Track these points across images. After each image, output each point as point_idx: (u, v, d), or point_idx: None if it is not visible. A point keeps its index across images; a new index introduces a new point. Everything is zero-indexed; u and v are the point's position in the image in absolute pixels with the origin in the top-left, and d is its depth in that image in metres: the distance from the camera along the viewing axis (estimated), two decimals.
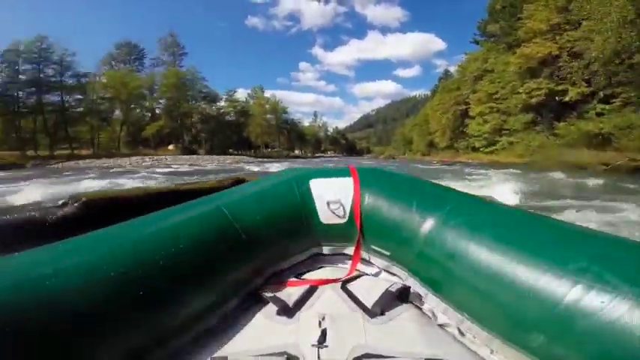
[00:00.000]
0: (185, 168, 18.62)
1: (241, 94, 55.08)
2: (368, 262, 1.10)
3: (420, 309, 0.89)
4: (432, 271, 0.89)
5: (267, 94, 57.46)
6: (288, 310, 0.84)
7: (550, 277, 0.63)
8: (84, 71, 34.87)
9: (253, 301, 0.93)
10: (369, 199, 1.09)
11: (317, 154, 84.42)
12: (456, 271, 0.81)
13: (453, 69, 44.09)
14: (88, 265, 0.64)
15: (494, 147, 30.44)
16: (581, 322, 0.56)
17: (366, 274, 1.07)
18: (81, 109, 34.84)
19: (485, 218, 0.87)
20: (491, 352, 0.71)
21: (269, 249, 1.02)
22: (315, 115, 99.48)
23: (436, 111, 44.55)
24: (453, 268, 0.81)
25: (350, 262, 1.09)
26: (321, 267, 1.15)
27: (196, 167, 19.86)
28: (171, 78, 39.60)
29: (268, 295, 0.90)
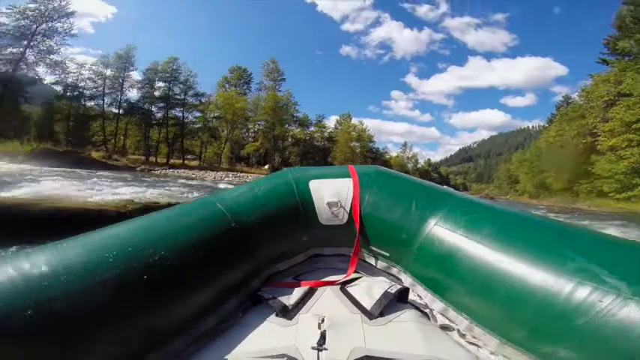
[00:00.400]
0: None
1: (333, 121, 57.30)
2: (367, 264, 1.09)
3: (420, 310, 0.89)
4: (431, 272, 0.90)
5: (355, 121, 58.26)
6: (287, 312, 0.84)
7: (549, 278, 0.64)
8: (202, 91, 40.53)
9: (252, 303, 0.93)
10: (368, 200, 1.08)
11: None
12: (455, 272, 0.82)
13: (575, 95, 36.44)
14: (85, 266, 0.64)
15: (631, 192, 23.49)
16: (581, 322, 0.56)
17: (366, 276, 1.06)
18: (197, 125, 41.44)
19: (483, 219, 0.87)
20: (491, 352, 0.72)
21: (268, 250, 1.02)
22: (405, 144, 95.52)
23: (552, 144, 37.40)
24: (452, 269, 0.83)
25: (349, 263, 1.08)
26: (321, 268, 1.14)
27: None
28: (269, 101, 43.78)
29: (267, 296, 0.89)
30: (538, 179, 42.75)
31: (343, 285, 0.97)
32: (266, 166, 42.80)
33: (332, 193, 1.12)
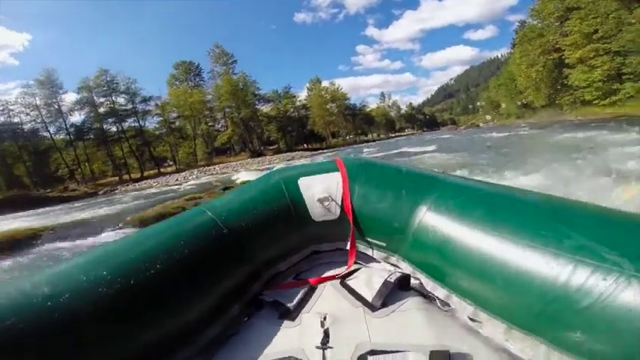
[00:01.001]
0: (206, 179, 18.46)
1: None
2: (365, 255, 1.08)
3: (422, 295, 0.88)
4: (429, 257, 0.88)
5: (326, 83, 55.68)
6: (289, 313, 0.84)
7: (547, 258, 0.62)
8: (149, 95, 38.56)
9: (255, 307, 0.92)
10: (358, 192, 1.07)
11: (392, 135, 79.46)
12: (453, 255, 0.80)
13: (529, 19, 35.01)
14: (86, 284, 0.65)
15: (615, 97, 22.51)
16: (584, 304, 0.54)
17: (365, 267, 1.05)
18: (159, 130, 39.32)
19: (475, 199, 0.85)
20: (498, 337, 0.70)
21: (264, 253, 1.02)
22: (383, 95, 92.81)
23: (520, 65, 35.78)
24: (449, 253, 0.81)
25: (348, 257, 1.07)
26: (320, 264, 1.13)
27: (218, 177, 19.70)
28: (225, 86, 41.21)
29: (269, 299, 0.90)
30: (518, 100, 41.63)
31: (343, 279, 0.96)
32: (243, 153, 41.18)
33: (322, 188, 1.10)
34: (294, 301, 0.87)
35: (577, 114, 25.75)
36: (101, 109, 35.75)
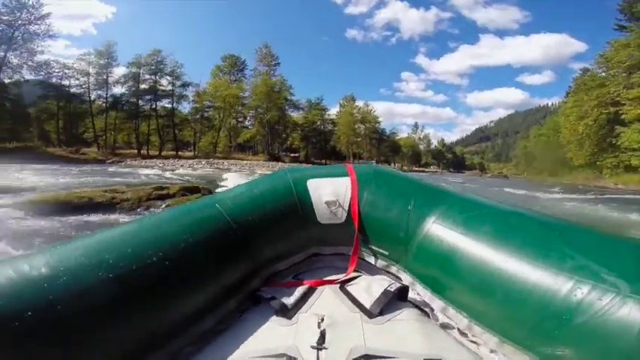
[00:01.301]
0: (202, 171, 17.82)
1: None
2: (366, 262, 1.09)
3: (419, 308, 0.89)
4: (430, 270, 0.90)
5: (360, 103, 55.49)
6: (286, 312, 0.84)
7: (548, 276, 0.64)
8: (190, 81, 40.05)
9: (252, 303, 0.93)
10: (367, 199, 1.08)
11: (415, 169, 77.80)
12: (455, 270, 0.81)
13: (593, 65, 32.62)
14: (85, 268, 0.65)
15: None
16: (580, 321, 0.56)
17: (365, 274, 1.06)
18: (192, 116, 40.44)
19: (482, 217, 0.87)
20: (491, 351, 0.72)
21: (267, 250, 1.02)
22: (416, 125, 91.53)
23: (569, 116, 33.76)
24: (451, 267, 0.82)
25: (348, 262, 1.07)
26: (320, 267, 1.14)
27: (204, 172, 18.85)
28: (261, 86, 41.93)
29: (266, 296, 0.90)
30: (556, 155, 39.16)
31: (343, 284, 0.97)
32: (262, 154, 41.25)
33: (330, 192, 1.10)
34: (292, 300, 0.87)
35: (617, 180, 23.59)
36: (143, 86, 37.29)
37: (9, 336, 0.51)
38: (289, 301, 0.87)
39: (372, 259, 1.07)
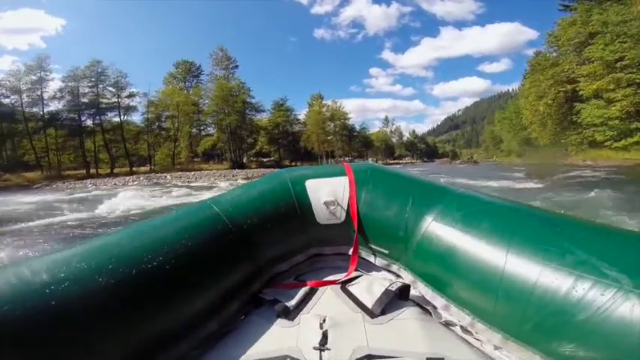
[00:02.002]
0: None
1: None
2: (367, 262, 1.09)
3: (421, 307, 0.89)
4: (431, 268, 0.89)
5: (328, 101, 54.17)
6: (288, 313, 0.84)
7: (549, 272, 0.64)
8: (137, 91, 36.95)
9: (253, 305, 0.93)
10: (365, 198, 1.08)
11: (389, 162, 77.60)
12: (455, 267, 0.81)
13: (544, 48, 33.29)
14: (86, 273, 0.65)
15: (631, 139, 20.06)
16: (582, 317, 0.56)
17: (366, 274, 1.06)
18: (147, 128, 37.47)
19: (481, 213, 0.87)
20: (495, 348, 0.71)
21: (267, 251, 1.02)
22: (386, 119, 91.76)
23: (528, 97, 33.92)
24: (451, 264, 0.82)
25: (349, 262, 1.08)
26: (321, 268, 1.14)
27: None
28: (216, 91, 39.75)
29: (268, 298, 0.91)
30: (522, 136, 39.54)
31: (344, 284, 0.97)
32: (226, 162, 38.75)
33: (328, 192, 1.10)
34: (294, 302, 0.87)
35: (585, 157, 23.42)
36: (85, 100, 34.22)
37: (11, 342, 0.51)
38: (291, 302, 0.87)
39: (372, 258, 1.06)
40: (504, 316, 0.69)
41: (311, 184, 1.12)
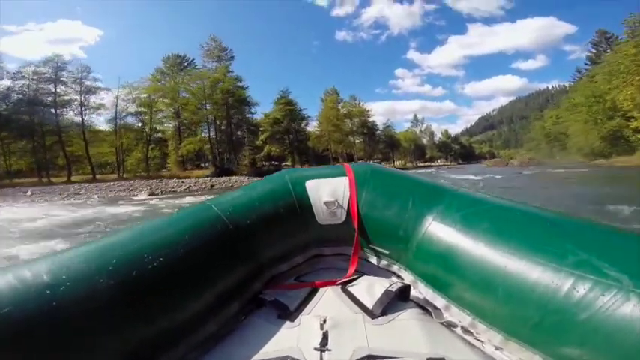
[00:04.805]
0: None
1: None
2: (368, 262, 1.08)
3: (422, 307, 0.88)
4: (431, 268, 0.89)
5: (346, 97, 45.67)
6: (289, 314, 0.84)
7: (549, 272, 0.64)
8: (103, 87, 32.00)
9: (254, 306, 0.92)
10: (365, 199, 1.08)
11: (420, 164, 67.65)
12: (456, 267, 0.81)
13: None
14: (87, 274, 0.65)
15: None
16: (583, 317, 0.56)
17: (366, 274, 1.05)
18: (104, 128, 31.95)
19: (481, 213, 0.87)
20: (495, 348, 0.71)
21: (268, 252, 1.02)
22: (415, 118, 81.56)
23: (627, 70, 23.31)
24: (452, 264, 0.82)
25: (349, 262, 1.07)
26: (321, 268, 1.14)
27: None
28: (191, 80, 33.16)
29: (269, 298, 0.90)
30: (608, 128, 28.58)
31: (344, 284, 0.96)
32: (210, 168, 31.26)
33: (329, 192, 1.10)
34: (295, 302, 0.87)
35: None
36: (41, 97, 29.31)
37: (13, 343, 0.52)
38: (291, 303, 0.86)
39: (372, 259, 1.06)
40: (505, 316, 0.69)
41: (311, 185, 1.12)
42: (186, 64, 37.84)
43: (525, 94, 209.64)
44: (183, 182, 21.53)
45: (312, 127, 46.20)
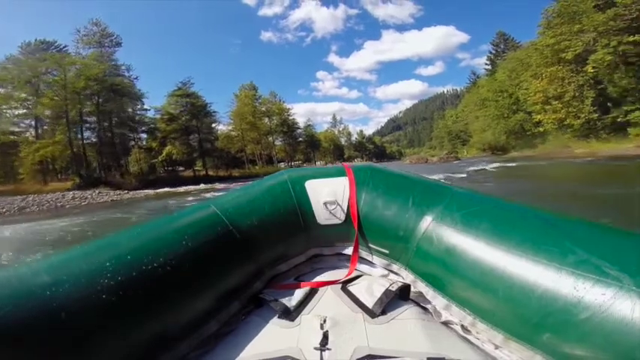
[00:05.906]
0: None
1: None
2: (368, 262, 1.09)
3: (422, 307, 0.89)
4: (431, 267, 0.89)
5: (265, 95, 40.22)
6: (289, 314, 0.84)
7: (549, 271, 0.64)
8: None
9: (254, 306, 0.93)
10: (365, 198, 1.08)
11: (338, 164, 66.25)
12: (456, 266, 0.81)
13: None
14: (87, 274, 0.65)
15: None
16: (583, 316, 0.56)
17: (366, 274, 1.06)
18: None
19: (482, 212, 0.87)
20: (496, 347, 0.72)
21: (267, 252, 1.02)
22: (334, 119, 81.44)
23: (536, 64, 24.26)
24: (452, 264, 0.82)
25: (349, 262, 1.08)
26: (321, 268, 1.14)
27: None
28: (24, 66, 23.85)
29: (269, 298, 0.90)
30: (515, 121, 30.17)
31: (344, 284, 0.96)
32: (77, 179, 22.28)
33: (328, 192, 1.10)
34: (295, 302, 0.87)
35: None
36: None
37: (13, 344, 0.52)
38: (291, 302, 0.87)
39: (372, 259, 1.06)
40: (505, 315, 0.69)
41: (311, 185, 1.12)
42: (55, 51, 27.54)
43: (426, 97, 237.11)
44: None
45: (226, 125, 39.57)
